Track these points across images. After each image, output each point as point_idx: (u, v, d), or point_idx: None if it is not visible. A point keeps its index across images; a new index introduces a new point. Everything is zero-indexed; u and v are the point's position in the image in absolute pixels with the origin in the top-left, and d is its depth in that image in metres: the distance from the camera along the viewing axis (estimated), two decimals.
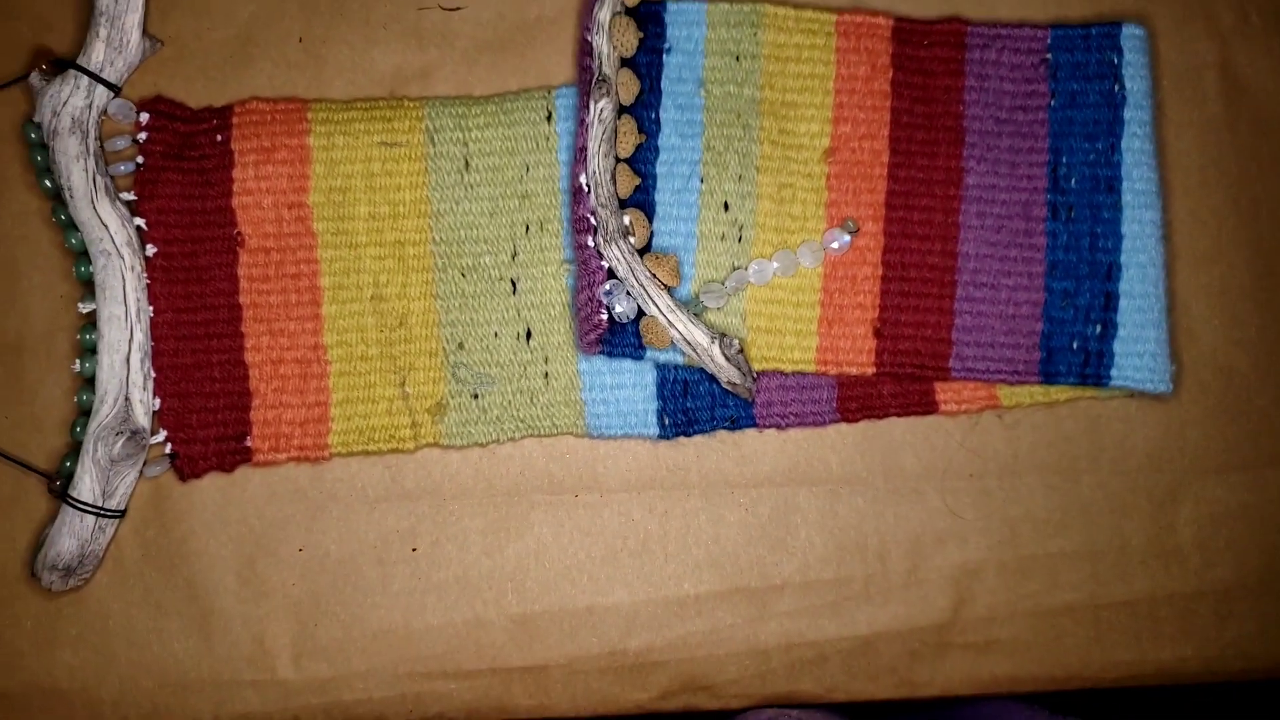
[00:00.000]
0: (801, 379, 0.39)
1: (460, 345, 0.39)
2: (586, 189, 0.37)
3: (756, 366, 0.39)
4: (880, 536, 0.40)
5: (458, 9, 0.40)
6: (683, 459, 0.40)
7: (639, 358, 0.38)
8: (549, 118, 0.39)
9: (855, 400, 0.39)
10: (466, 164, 0.39)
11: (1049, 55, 0.39)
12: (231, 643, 0.39)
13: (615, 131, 0.37)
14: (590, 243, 0.37)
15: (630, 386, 0.39)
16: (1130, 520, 0.40)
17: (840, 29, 0.39)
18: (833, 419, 0.39)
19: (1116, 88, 0.39)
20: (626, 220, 0.37)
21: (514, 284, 0.39)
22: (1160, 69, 0.40)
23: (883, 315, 0.39)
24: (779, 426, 0.39)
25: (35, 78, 0.38)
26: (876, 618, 0.40)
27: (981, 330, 0.39)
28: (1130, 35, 0.39)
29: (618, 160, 0.38)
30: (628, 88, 0.38)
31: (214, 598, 0.39)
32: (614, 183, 0.37)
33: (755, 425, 0.39)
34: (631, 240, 0.37)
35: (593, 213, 0.37)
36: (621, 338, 0.38)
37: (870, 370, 0.39)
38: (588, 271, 0.37)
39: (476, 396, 0.39)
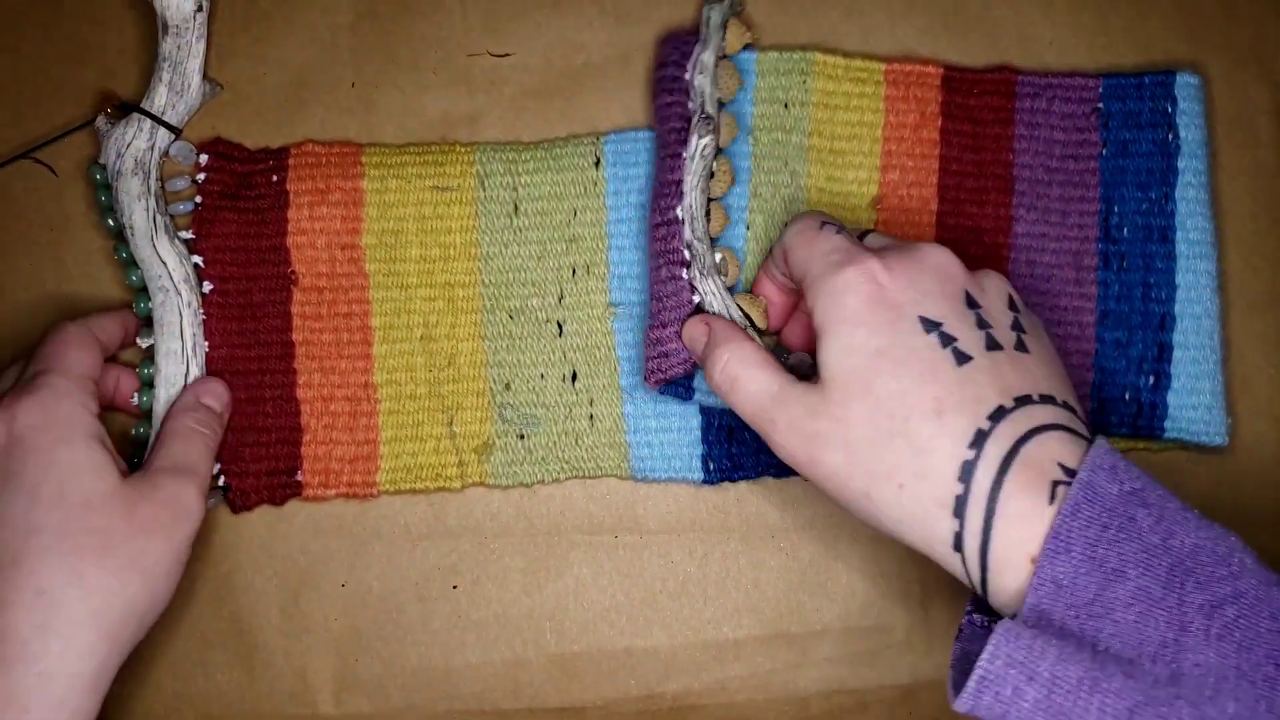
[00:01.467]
0: None
1: (507, 386, 0.40)
2: (681, 221, 0.36)
3: None
4: (923, 584, 0.39)
5: (506, 56, 0.41)
6: (723, 502, 0.40)
7: (687, 399, 0.38)
8: (597, 163, 0.40)
9: None
10: (516, 208, 0.40)
11: (1101, 104, 0.39)
12: (274, 677, 0.39)
13: (712, 170, 0.37)
14: (684, 275, 0.36)
15: (675, 430, 0.39)
16: None
17: (889, 77, 0.39)
18: None
19: (1170, 137, 0.39)
20: (719, 257, 0.37)
21: (560, 326, 0.40)
22: (1212, 114, 0.40)
23: None
24: None
25: (101, 121, 0.39)
26: (919, 666, 0.39)
27: None
28: (1185, 84, 0.39)
29: (710, 199, 0.37)
30: (729, 129, 0.38)
31: (258, 631, 0.39)
32: (708, 219, 0.37)
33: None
34: (723, 279, 0.37)
35: (689, 246, 0.36)
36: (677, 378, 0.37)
37: None
38: (676, 305, 0.36)
39: (523, 437, 0.39)
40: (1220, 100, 0.40)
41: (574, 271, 0.40)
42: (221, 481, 0.39)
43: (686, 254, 0.36)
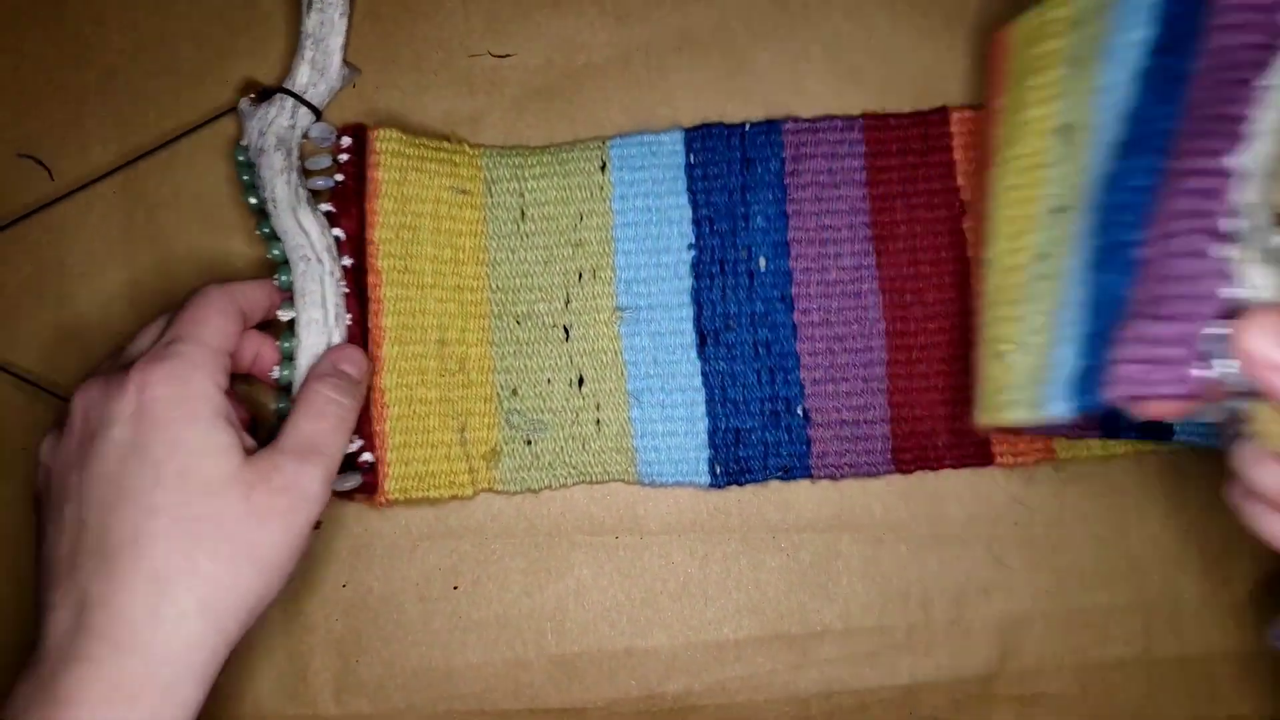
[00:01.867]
0: (856, 429, 0.39)
1: (514, 391, 0.39)
2: (1234, 176, 0.25)
3: None
4: (924, 584, 0.39)
5: (507, 56, 0.41)
6: (724, 502, 0.40)
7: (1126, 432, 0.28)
8: (603, 167, 0.39)
9: (910, 452, 0.39)
10: (522, 213, 0.40)
11: None
12: (275, 677, 0.39)
13: None
14: (1217, 253, 0.25)
15: (682, 434, 0.39)
16: (1184, 574, 0.39)
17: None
18: (887, 470, 0.39)
19: None
20: None
21: (566, 331, 0.40)
22: None
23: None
24: (833, 477, 0.39)
25: (244, 103, 0.39)
26: (919, 667, 0.39)
27: None
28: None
29: None
30: None
31: (258, 631, 0.39)
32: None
33: (810, 476, 0.39)
34: None
35: (1238, 213, 0.25)
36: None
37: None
38: (1195, 296, 0.25)
39: (530, 443, 0.39)
40: None
41: (580, 276, 0.40)
42: (366, 456, 0.38)
43: (1231, 224, 0.25)
